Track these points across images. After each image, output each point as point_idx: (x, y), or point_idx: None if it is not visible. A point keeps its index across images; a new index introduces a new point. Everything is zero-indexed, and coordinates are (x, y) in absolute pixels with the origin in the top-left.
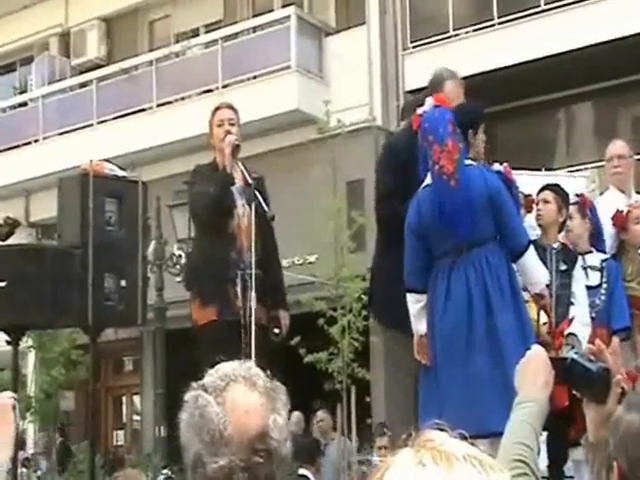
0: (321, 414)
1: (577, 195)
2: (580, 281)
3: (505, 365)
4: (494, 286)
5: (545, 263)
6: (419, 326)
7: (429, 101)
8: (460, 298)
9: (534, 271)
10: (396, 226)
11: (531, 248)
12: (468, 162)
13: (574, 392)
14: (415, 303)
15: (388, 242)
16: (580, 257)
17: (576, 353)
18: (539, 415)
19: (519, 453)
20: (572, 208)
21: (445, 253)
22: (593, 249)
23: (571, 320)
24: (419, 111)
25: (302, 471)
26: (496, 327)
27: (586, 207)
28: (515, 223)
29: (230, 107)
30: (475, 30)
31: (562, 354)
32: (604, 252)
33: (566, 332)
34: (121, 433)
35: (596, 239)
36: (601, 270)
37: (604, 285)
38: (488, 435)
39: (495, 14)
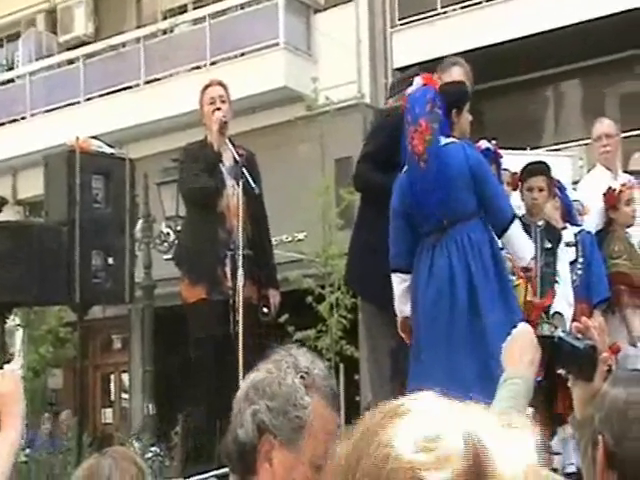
0: None
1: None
2: (564, 259)
3: (487, 340)
4: (476, 262)
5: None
6: (403, 307)
7: (417, 80)
8: (442, 274)
9: (520, 245)
10: (374, 198)
11: (516, 222)
12: (449, 140)
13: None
14: (400, 284)
15: (365, 214)
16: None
17: (563, 331)
18: (525, 392)
19: None
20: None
21: (429, 232)
22: (567, 224)
23: (554, 295)
24: (408, 91)
25: None
26: (478, 303)
27: (553, 186)
28: (498, 197)
29: (220, 84)
30: (463, 8)
31: (540, 331)
32: (578, 225)
33: (552, 311)
34: (109, 411)
35: (568, 214)
36: (575, 245)
37: (580, 260)
38: None
39: None
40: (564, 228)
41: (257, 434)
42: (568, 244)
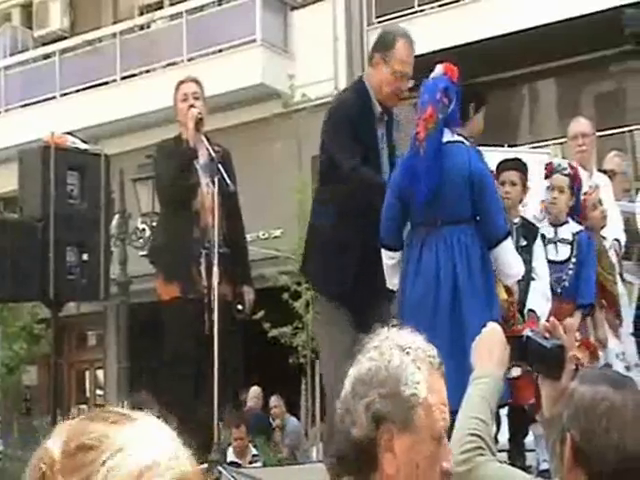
0: (274, 400)
1: (570, 166)
2: (540, 256)
3: (465, 343)
4: (462, 265)
5: None
6: (392, 279)
7: (438, 69)
8: (429, 273)
9: (509, 262)
10: (362, 194)
11: (508, 240)
12: (455, 137)
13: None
14: (388, 259)
15: (344, 209)
16: (552, 229)
17: (531, 330)
18: (494, 390)
19: (474, 427)
20: (562, 179)
21: (419, 223)
22: (569, 219)
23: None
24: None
25: None
26: (461, 304)
27: (576, 182)
28: (496, 213)
29: (194, 80)
30: (440, 6)
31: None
32: (580, 223)
33: (526, 309)
34: (84, 408)
35: (575, 209)
36: (572, 243)
37: (573, 260)
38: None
39: None
40: (565, 223)
41: (374, 426)
42: (563, 241)
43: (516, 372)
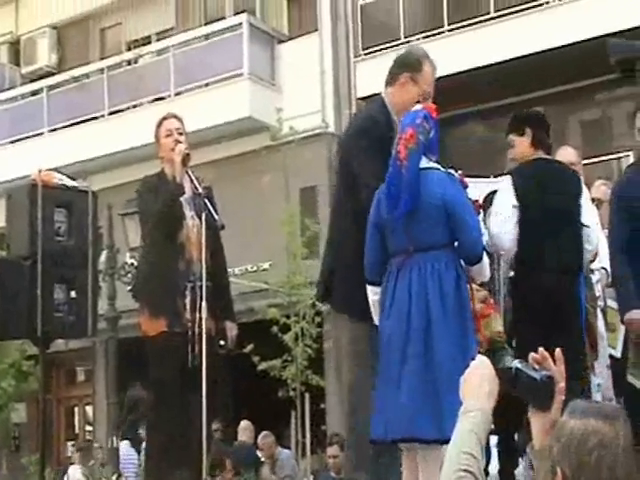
0: (261, 439)
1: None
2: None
3: (436, 374)
4: (434, 293)
5: (492, 269)
6: (377, 316)
7: (417, 106)
8: (402, 303)
9: (483, 274)
10: None
11: (485, 256)
12: (432, 165)
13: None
14: (373, 295)
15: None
16: None
17: (520, 362)
18: (484, 424)
19: (465, 463)
20: None
21: (394, 253)
22: None
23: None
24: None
25: None
26: (432, 335)
27: None
28: (469, 233)
29: (176, 117)
30: (426, 37)
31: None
32: None
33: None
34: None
35: None
36: None
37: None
38: (413, 440)
39: (445, 21)
40: None
41: None
42: None
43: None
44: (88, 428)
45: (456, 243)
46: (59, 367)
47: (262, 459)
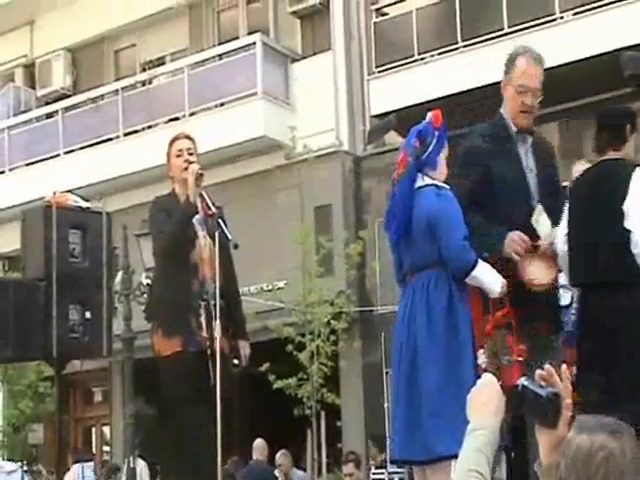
0: (279, 458)
1: None
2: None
3: (421, 402)
4: (422, 313)
5: None
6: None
7: (428, 116)
8: (400, 323)
9: (486, 281)
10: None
11: (480, 264)
12: (426, 182)
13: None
14: None
15: None
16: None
17: (526, 379)
18: (491, 442)
19: None
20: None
21: (405, 273)
22: None
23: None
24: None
25: None
26: (417, 356)
27: None
28: (454, 247)
29: (188, 137)
30: (440, 54)
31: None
32: None
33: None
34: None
35: None
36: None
37: (574, 305)
38: (405, 463)
39: (459, 38)
40: None
41: None
42: (564, 286)
43: (481, 359)
44: (106, 448)
45: None
46: (76, 388)
47: (278, 478)
